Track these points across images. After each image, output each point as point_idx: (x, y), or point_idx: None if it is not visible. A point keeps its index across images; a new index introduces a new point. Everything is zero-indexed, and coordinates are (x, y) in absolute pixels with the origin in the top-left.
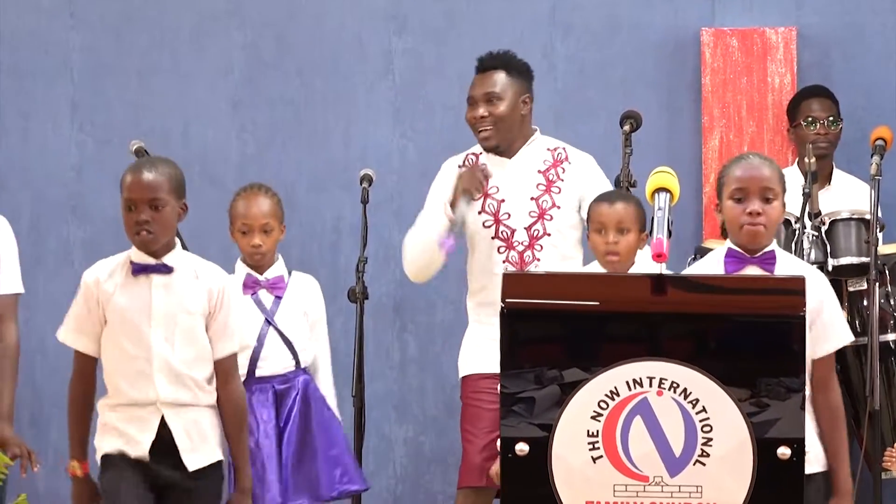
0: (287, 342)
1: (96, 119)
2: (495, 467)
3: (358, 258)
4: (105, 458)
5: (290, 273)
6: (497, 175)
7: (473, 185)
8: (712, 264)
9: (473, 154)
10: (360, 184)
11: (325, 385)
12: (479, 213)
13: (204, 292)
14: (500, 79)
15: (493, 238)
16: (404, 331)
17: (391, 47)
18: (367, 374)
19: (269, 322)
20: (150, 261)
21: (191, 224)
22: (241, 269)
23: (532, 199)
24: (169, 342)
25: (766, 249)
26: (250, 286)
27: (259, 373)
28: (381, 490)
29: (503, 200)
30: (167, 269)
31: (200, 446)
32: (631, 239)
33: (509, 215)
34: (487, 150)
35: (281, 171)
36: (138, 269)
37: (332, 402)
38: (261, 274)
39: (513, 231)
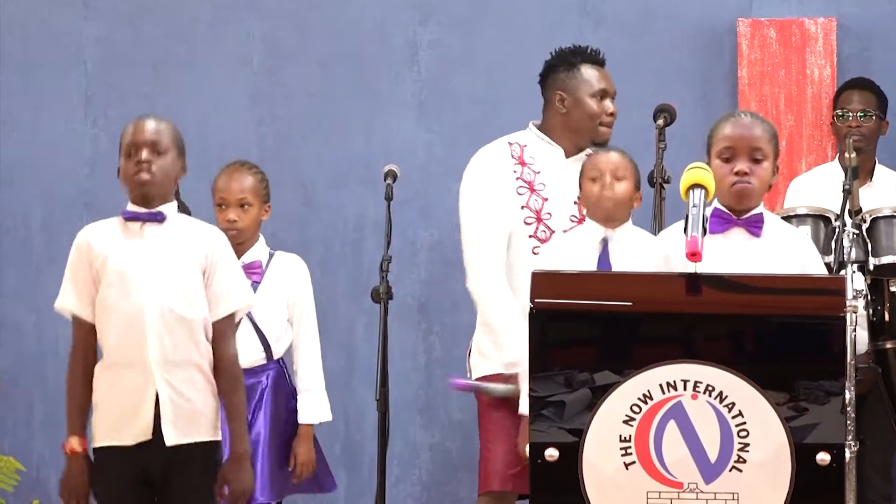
0: (259, 333)
1: (110, 113)
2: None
3: (381, 257)
4: (97, 453)
5: (272, 255)
6: (549, 171)
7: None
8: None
9: (518, 144)
10: (384, 180)
11: (309, 375)
12: (523, 207)
13: (199, 249)
14: None
15: (530, 237)
16: (430, 332)
17: (416, 38)
18: (391, 378)
19: None
20: (143, 209)
21: (208, 220)
22: None
23: (574, 202)
24: (163, 295)
25: (754, 212)
26: None
27: None
28: (406, 497)
29: (547, 199)
30: (161, 217)
31: (183, 418)
32: None
33: (551, 215)
34: (602, 144)
35: (301, 167)
36: (130, 217)
37: (319, 393)
38: (239, 256)
39: (552, 232)
